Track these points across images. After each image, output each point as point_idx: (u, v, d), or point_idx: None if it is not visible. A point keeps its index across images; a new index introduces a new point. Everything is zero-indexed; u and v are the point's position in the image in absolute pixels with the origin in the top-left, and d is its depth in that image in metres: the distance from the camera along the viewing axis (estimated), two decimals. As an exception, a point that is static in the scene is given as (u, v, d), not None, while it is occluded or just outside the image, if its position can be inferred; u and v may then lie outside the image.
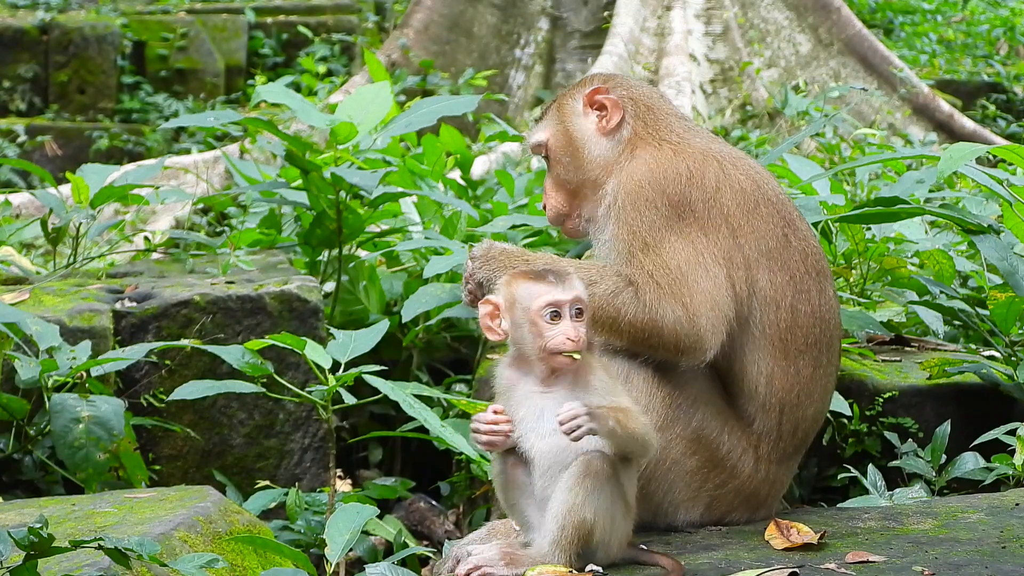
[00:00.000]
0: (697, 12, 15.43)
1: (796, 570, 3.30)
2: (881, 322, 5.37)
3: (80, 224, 6.52)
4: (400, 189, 6.71)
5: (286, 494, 5.15)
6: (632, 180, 3.76)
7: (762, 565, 3.35)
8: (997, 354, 5.18)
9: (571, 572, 3.33)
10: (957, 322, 5.65)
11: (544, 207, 4.08)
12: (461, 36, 15.42)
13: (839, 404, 4.74)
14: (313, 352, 4.73)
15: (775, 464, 3.81)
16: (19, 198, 10.62)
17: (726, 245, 3.71)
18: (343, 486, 6.10)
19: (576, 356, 3.36)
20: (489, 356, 5.89)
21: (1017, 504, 3.84)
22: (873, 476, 4.56)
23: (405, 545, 5.25)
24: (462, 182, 7.78)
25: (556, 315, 3.34)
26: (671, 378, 3.71)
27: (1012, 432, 4.50)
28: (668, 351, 3.66)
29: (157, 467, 5.60)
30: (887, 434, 4.88)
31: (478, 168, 10.79)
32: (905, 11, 20.85)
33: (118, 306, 5.67)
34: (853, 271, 5.74)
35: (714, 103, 14.89)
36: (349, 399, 4.79)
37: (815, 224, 5.75)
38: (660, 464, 3.68)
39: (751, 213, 3.76)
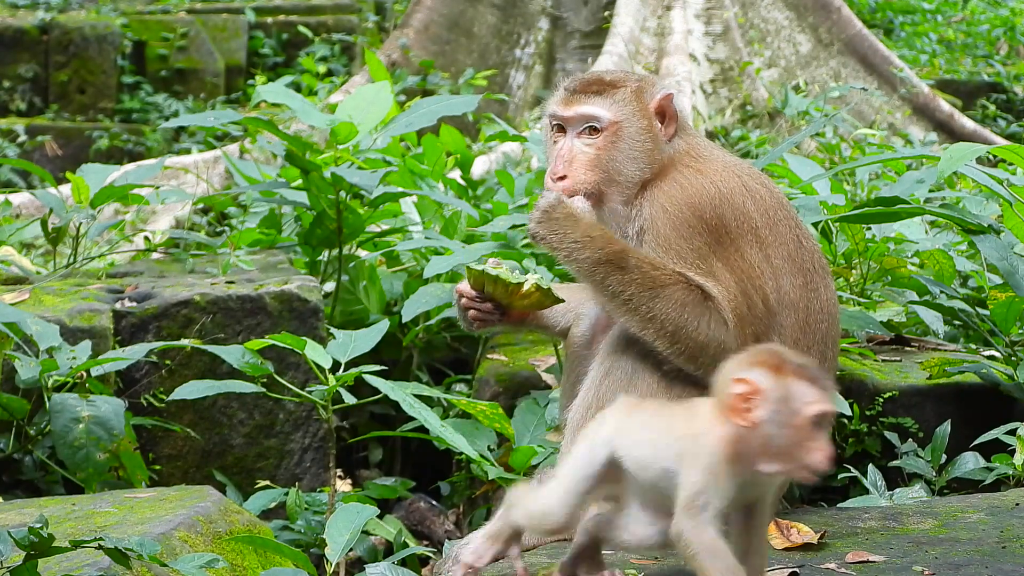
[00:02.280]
0: (697, 12, 15.42)
1: (796, 570, 3.30)
2: (881, 322, 5.37)
3: (80, 224, 6.52)
4: (400, 189, 6.71)
5: (286, 494, 5.15)
6: (670, 203, 3.70)
7: (762, 565, 3.35)
8: (997, 354, 5.18)
9: None
10: (957, 322, 5.65)
11: (556, 175, 3.80)
12: (461, 36, 15.41)
13: (839, 404, 4.74)
14: (313, 352, 4.73)
15: None
16: (19, 198, 10.62)
17: (758, 260, 3.72)
18: (343, 486, 6.10)
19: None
20: (489, 356, 5.89)
21: (1017, 504, 3.84)
22: (873, 476, 4.56)
23: (405, 545, 5.25)
24: (462, 182, 7.78)
25: (819, 426, 2.94)
26: (678, 379, 3.70)
27: (1012, 432, 4.50)
28: (702, 371, 3.65)
29: (157, 467, 5.60)
30: (887, 434, 4.88)
31: (478, 168, 10.79)
32: (905, 11, 20.85)
33: (118, 306, 5.67)
34: (853, 271, 5.74)
35: (714, 103, 14.89)
36: (349, 399, 4.79)
37: (815, 224, 5.77)
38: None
39: (772, 222, 3.79)
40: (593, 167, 3.80)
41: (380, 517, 5.51)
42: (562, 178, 3.78)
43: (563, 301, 3.92)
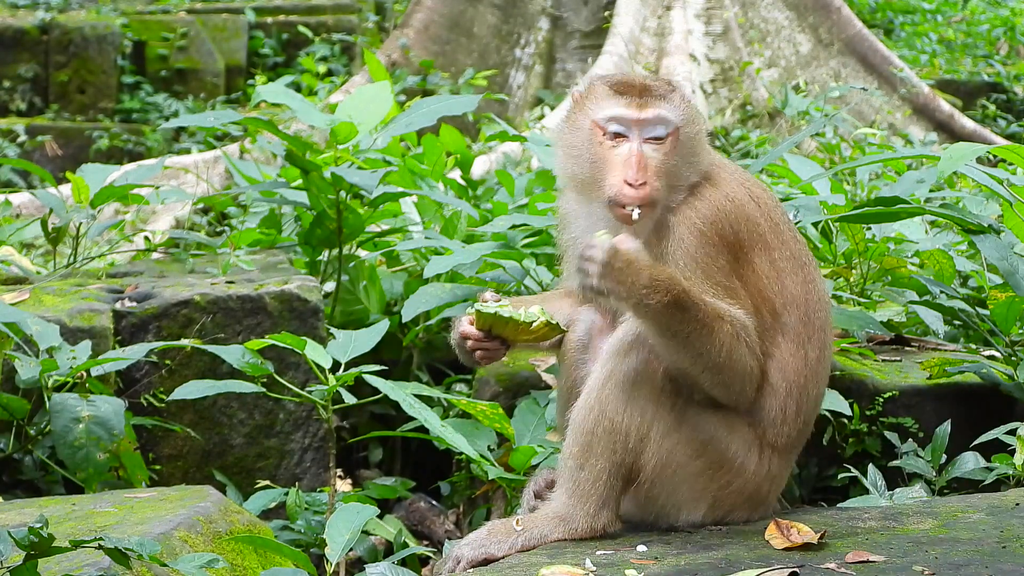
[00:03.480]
0: (697, 12, 15.42)
1: (796, 570, 3.30)
2: (881, 322, 5.37)
3: (80, 224, 6.52)
4: (400, 189, 6.71)
5: (286, 494, 5.15)
6: (699, 219, 3.70)
7: (762, 565, 3.35)
8: (997, 354, 5.18)
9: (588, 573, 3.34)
10: (957, 322, 5.65)
11: (636, 182, 3.65)
12: (461, 36, 15.41)
13: (839, 404, 4.75)
14: (313, 352, 4.73)
15: (778, 454, 3.81)
16: (19, 198, 10.62)
17: (767, 268, 3.76)
18: (343, 486, 6.10)
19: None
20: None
21: (1017, 504, 3.84)
22: (873, 476, 4.56)
23: (405, 545, 5.25)
24: (462, 182, 7.78)
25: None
26: (680, 383, 3.70)
27: (1012, 432, 4.50)
28: (741, 398, 3.70)
29: (157, 467, 5.60)
30: (887, 434, 4.88)
31: (478, 168, 10.79)
32: (905, 11, 20.85)
33: (118, 306, 5.67)
34: (853, 271, 5.74)
35: (714, 103, 14.88)
36: (349, 399, 4.79)
37: (815, 224, 5.77)
38: (665, 467, 3.68)
39: (775, 225, 3.83)
40: (662, 173, 3.71)
41: (380, 517, 5.51)
42: (643, 184, 3.66)
43: (566, 332, 3.94)
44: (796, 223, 5.16)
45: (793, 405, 3.79)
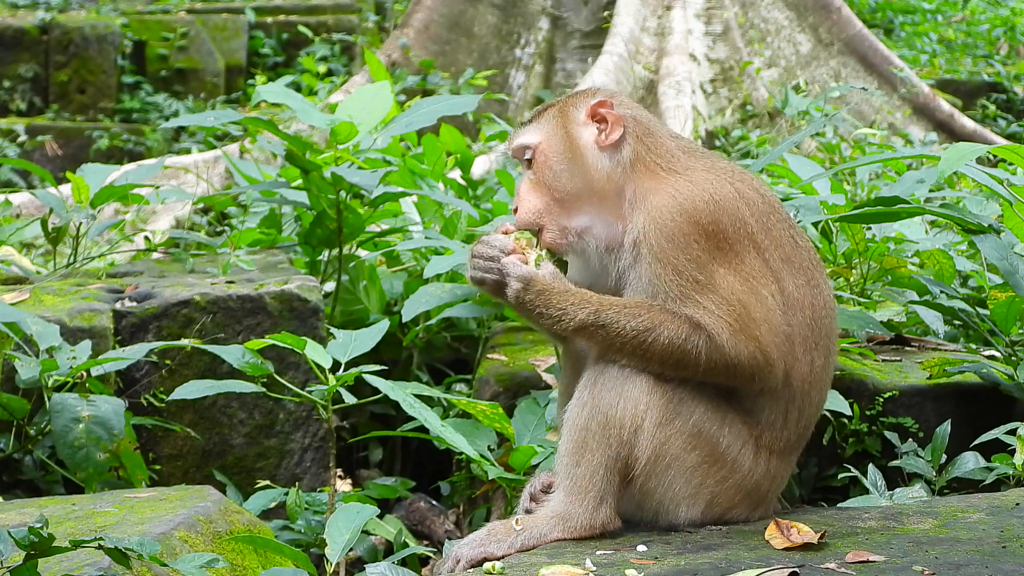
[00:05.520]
0: (697, 12, 15.42)
1: (796, 570, 3.30)
2: (881, 322, 5.36)
3: (80, 224, 6.52)
4: (400, 189, 6.71)
5: (286, 494, 5.15)
6: (662, 215, 3.70)
7: (762, 565, 3.35)
8: (997, 354, 5.18)
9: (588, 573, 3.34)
10: (957, 322, 5.65)
11: (516, 210, 3.92)
12: (461, 36, 15.41)
13: (839, 404, 4.74)
14: (313, 352, 4.73)
15: (777, 456, 3.81)
16: (19, 198, 10.63)
17: (757, 264, 3.73)
18: (343, 486, 6.10)
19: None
20: (489, 356, 5.89)
21: (1017, 504, 3.84)
22: (873, 476, 4.56)
23: (405, 545, 5.25)
24: (462, 182, 7.78)
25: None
26: (671, 380, 3.70)
27: (1012, 432, 4.49)
28: (744, 382, 3.72)
29: (157, 467, 5.60)
30: (887, 434, 4.88)
31: (478, 168, 10.79)
32: (905, 11, 20.85)
33: (118, 306, 5.67)
34: (853, 271, 5.74)
35: (714, 103, 14.88)
36: (349, 399, 4.79)
37: (815, 224, 5.77)
38: (660, 459, 3.69)
39: (767, 226, 3.79)
40: (538, 192, 3.88)
41: (380, 517, 5.51)
42: (515, 211, 3.91)
43: None
44: (796, 223, 5.16)
45: (795, 411, 3.79)
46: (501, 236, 3.88)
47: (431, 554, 4.95)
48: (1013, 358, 4.99)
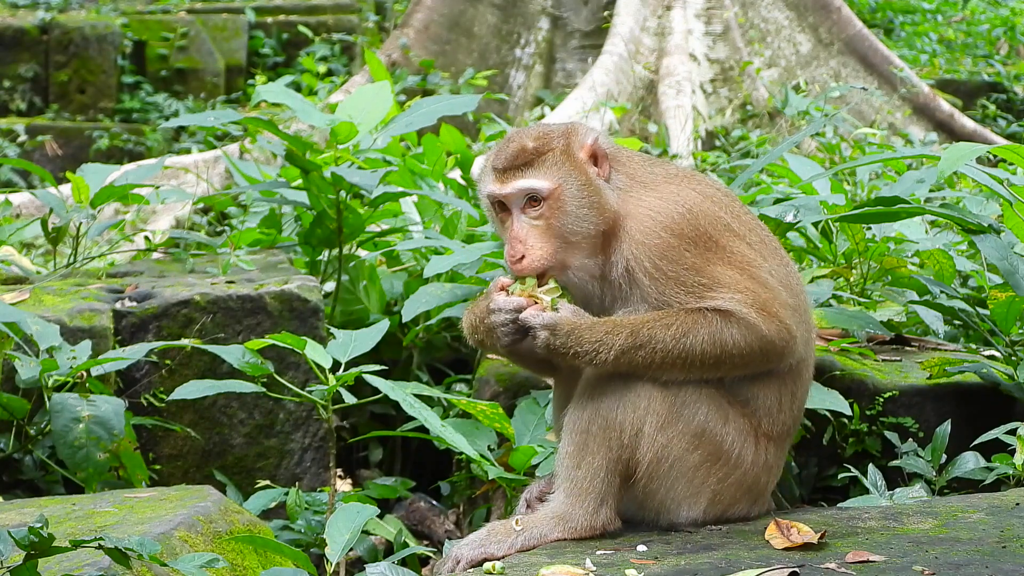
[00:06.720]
0: (697, 12, 15.42)
1: (796, 570, 3.30)
2: (881, 322, 5.37)
3: (80, 224, 6.52)
4: (400, 189, 6.71)
5: (286, 494, 5.15)
6: (647, 237, 3.70)
7: (762, 565, 3.35)
8: (997, 354, 5.18)
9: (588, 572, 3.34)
10: (957, 322, 5.65)
11: (515, 258, 3.72)
12: (461, 36, 15.41)
13: (839, 404, 4.74)
14: (313, 352, 4.73)
15: (775, 443, 3.82)
16: (19, 198, 10.62)
17: (744, 249, 3.78)
18: (343, 486, 6.10)
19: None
20: (489, 356, 5.89)
21: (1017, 504, 3.84)
22: (873, 476, 4.56)
23: (405, 545, 5.25)
24: (462, 182, 7.78)
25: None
26: (673, 380, 3.71)
27: (1012, 432, 4.50)
28: (776, 360, 3.72)
29: (157, 467, 5.60)
30: (887, 434, 4.88)
31: (478, 168, 10.77)
32: (905, 11, 20.85)
33: (118, 306, 5.67)
34: (853, 271, 5.74)
35: (714, 103, 14.88)
36: (349, 399, 4.79)
37: (815, 224, 5.76)
38: (662, 461, 3.69)
39: (736, 213, 3.85)
40: (547, 237, 3.73)
41: (380, 517, 5.51)
42: (521, 259, 3.72)
43: None
44: (796, 223, 5.17)
45: (788, 394, 3.82)
46: (504, 297, 3.74)
47: (431, 554, 4.95)
48: (1013, 358, 4.99)
